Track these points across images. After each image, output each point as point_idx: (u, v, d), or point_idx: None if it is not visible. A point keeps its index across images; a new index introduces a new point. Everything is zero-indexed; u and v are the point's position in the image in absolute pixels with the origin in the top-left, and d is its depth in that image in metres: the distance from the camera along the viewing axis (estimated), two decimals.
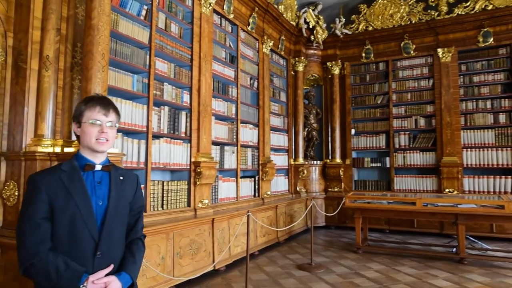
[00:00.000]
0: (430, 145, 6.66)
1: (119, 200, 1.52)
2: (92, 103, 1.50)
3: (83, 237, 1.40)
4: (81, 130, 1.49)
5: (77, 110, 1.53)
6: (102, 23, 2.86)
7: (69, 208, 1.39)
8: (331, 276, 4.07)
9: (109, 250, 1.46)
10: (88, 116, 1.48)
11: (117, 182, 1.54)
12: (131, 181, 1.62)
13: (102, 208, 1.47)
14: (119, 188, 1.53)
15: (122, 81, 3.48)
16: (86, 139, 1.47)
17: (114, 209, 1.49)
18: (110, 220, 1.47)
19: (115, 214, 1.49)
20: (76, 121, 1.51)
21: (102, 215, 1.46)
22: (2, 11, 2.85)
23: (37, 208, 1.38)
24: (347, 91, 7.44)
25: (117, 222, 1.50)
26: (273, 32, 6.46)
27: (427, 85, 6.81)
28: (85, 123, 1.48)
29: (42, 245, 1.35)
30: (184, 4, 4.33)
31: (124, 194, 1.55)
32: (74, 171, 1.46)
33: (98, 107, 1.49)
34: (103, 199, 1.48)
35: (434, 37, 6.73)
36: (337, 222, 7.08)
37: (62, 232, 1.39)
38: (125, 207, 1.55)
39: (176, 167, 4.10)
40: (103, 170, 1.52)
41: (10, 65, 2.88)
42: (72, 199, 1.40)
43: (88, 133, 1.47)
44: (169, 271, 3.50)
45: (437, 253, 5.03)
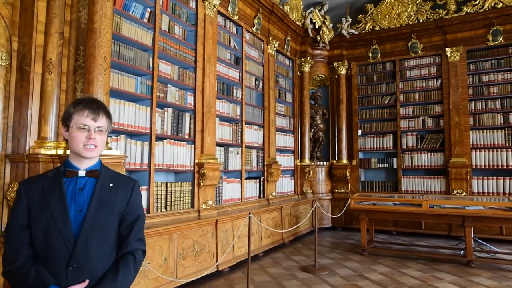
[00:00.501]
0: (438, 146, 6.58)
1: (100, 209, 1.40)
2: (80, 107, 1.42)
3: (57, 247, 1.32)
4: (69, 135, 1.42)
5: (65, 113, 1.45)
6: (104, 27, 2.89)
7: (44, 216, 1.34)
8: (335, 278, 4.04)
9: (86, 262, 1.34)
10: (76, 120, 1.40)
11: (103, 189, 1.43)
12: (124, 189, 1.50)
13: (80, 217, 1.37)
14: (104, 196, 1.43)
15: (125, 83, 3.51)
16: (73, 144, 1.40)
17: (93, 218, 1.38)
18: (87, 230, 1.36)
19: (94, 224, 1.38)
20: (64, 124, 1.44)
21: (80, 224, 1.36)
22: (7, 15, 2.90)
23: (17, 215, 1.37)
24: (353, 91, 7.38)
25: (98, 233, 1.38)
26: (278, 33, 6.44)
27: (435, 85, 6.72)
28: (73, 128, 1.41)
29: (19, 252, 1.32)
30: (187, 6, 4.35)
31: (110, 203, 1.43)
32: (57, 177, 1.41)
33: (86, 111, 1.41)
34: (82, 207, 1.38)
35: (442, 36, 6.64)
36: (343, 223, 7.03)
37: (38, 240, 1.34)
38: (110, 216, 1.43)
39: (180, 168, 4.12)
40: (88, 176, 1.43)
41: (14, 68, 2.93)
42: (47, 206, 1.34)
43: (75, 138, 1.40)
44: (172, 272, 3.52)
45: (444, 255, 4.96)
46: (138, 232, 1.48)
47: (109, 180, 1.47)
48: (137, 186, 1.56)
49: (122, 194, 1.47)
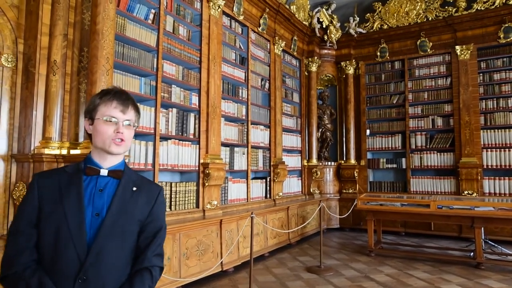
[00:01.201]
0: (448, 146, 6.47)
1: (121, 215, 1.22)
2: (108, 97, 1.26)
3: (67, 254, 1.14)
4: (94, 128, 1.25)
5: (90, 104, 1.28)
6: (107, 28, 2.92)
7: (55, 216, 1.16)
8: (340, 279, 4.00)
9: (98, 276, 1.15)
10: (103, 112, 1.24)
11: (125, 193, 1.26)
12: (148, 195, 1.32)
13: (97, 221, 1.19)
14: (126, 200, 1.25)
15: (129, 84, 3.55)
16: (99, 139, 1.23)
17: (112, 224, 1.19)
18: (103, 238, 1.17)
19: (113, 231, 1.19)
20: (89, 117, 1.27)
21: (95, 230, 1.18)
22: (13, 18, 2.96)
23: (24, 211, 1.19)
24: (362, 91, 7.32)
25: (115, 241, 1.19)
26: (285, 33, 6.43)
27: (444, 83, 6.61)
28: (99, 120, 1.24)
29: (20, 256, 1.14)
30: (192, 7, 4.37)
31: (132, 209, 1.25)
32: (76, 174, 1.24)
33: (115, 102, 1.25)
34: (100, 211, 1.20)
35: (452, 34, 6.53)
36: (351, 224, 6.97)
37: (47, 243, 1.15)
38: (131, 225, 1.24)
39: (185, 168, 4.14)
40: (110, 176, 1.25)
41: (20, 70, 2.99)
42: (61, 204, 1.17)
43: (101, 132, 1.23)
44: (176, 272, 3.53)
45: (453, 257, 4.87)
46: (158, 247, 1.29)
47: (133, 183, 1.30)
48: (162, 194, 1.38)
49: (145, 201, 1.30)
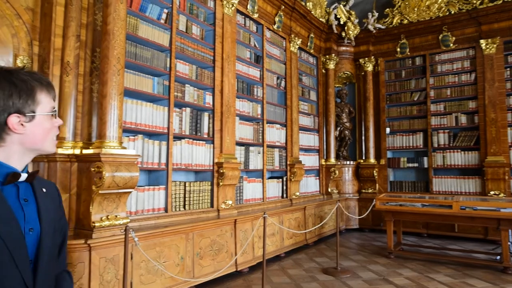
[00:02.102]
0: (472, 144, 6.20)
1: (50, 224, 1.05)
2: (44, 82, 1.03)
3: (13, 285, 0.92)
4: (33, 125, 1.00)
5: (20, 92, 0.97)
6: (118, 28, 2.94)
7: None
8: (357, 282, 3.89)
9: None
10: (46, 102, 1.02)
11: (43, 197, 1.06)
12: (53, 194, 1.14)
13: (33, 237, 0.99)
14: (48, 206, 1.06)
15: (142, 84, 3.56)
16: (43, 138, 1.02)
17: (50, 237, 1.03)
18: (46, 254, 1.00)
19: (51, 243, 1.04)
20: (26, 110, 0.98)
21: (34, 249, 0.99)
22: (28, 21, 3.02)
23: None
24: (381, 88, 7.13)
25: (51, 254, 1.05)
26: (301, 30, 6.33)
27: (468, 79, 6.35)
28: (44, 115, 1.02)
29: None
30: (205, 6, 4.35)
31: (53, 214, 1.08)
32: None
33: (51, 89, 1.05)
34: (33, 225, 1.00)
35: (477, 28, 6.26)
36: (371, 224, 6.80)
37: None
38: (56, 231, 1.09)
39: (199, 168, 4.13)
40: (26, 181, 1.03)
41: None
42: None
43: (48, 130, 1.03)
44: (189, 271, 3.52)
45: (478, 260, 4.66)
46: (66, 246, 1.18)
47: (39, 184, 1.09)
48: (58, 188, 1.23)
49: (54, 201, 1.12)
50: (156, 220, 3.46)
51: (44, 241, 1.00)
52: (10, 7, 2.88)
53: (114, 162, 2.78)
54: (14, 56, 2.92)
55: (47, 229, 1.03)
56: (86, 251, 2.67)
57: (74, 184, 2.94)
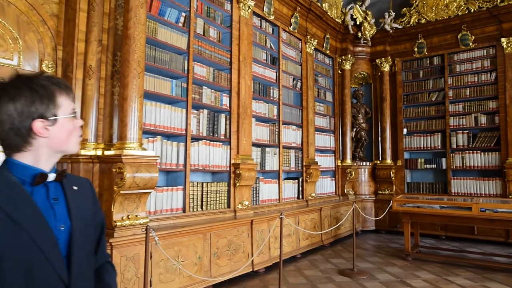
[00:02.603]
0: (492, 145, 6.08)
1: (82, 219, 1.08)
2: (63, 85, 1.06)
3: (50, 283, 0.95)
4: (57, 128, 1.03)
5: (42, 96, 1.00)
6: (138, 32, 3.01)
7: (21, 247, 0.90)
8: (373, 284, 3.88)
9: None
10: (67, 105, 1.05)
11: (73, 195, 1.09)
12: (86, 190, 1.17)
13: (64, 234, 1.02)
14: (77, 203, 1.09)
15: (161, 86, 3.64)
16: (67, 140, 1.06)
17: (80, 232, 1.05)
18: (78, 250, 1.03)
19: (83, 239, 1.06)
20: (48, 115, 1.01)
21: (66, 244, 1.02)
22: (52, 26, 3.13)
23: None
24: (398, 88, 7.06)
25: (85, 250, 1.08)
26: (317, 31, 6.33)
27: (488, 79, 6.23)
28: (67, 118, 1.05)
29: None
30: (222, 9, 4.41)
31: (85, 210, 1.12)
32: (13, 188, 0.96)
33: (70, 91, 1.08)
34: (64, 222, 1.03)
35: (497, 26, 6.13)
36: (387, 226, 6.74)
37: (15, 284, 0.89)
38: (90, 226, 1.13)
39: (216, 168, 4.19)
40: (55, 181, 1.05)
41: (59, 75, 3.15)
42: (23, 232, 0.91)
43: (71, 131, 1.06)
44: (206, 271, 3.58)
45: (498, 264, 4.56)
46: (105, 238, 1.24)
47: (70, 182, 1.11)
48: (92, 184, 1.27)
49: (87, 198, 1.16)
50: (174, 220, 3.53)
51: (75, 237, 1.03)
52: (36, 14, 2.99)
53: (134, 163, 2.85)
54: (39, 61, 3.04)
55: (78, 225, 1.05)
56: (108, 250, 2.75)
57: (96, 185, 3.03)
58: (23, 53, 2.94)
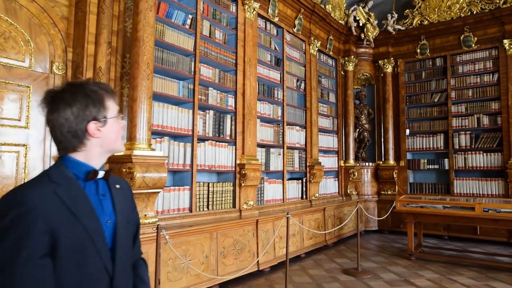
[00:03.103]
0: (495, 146, 6.12)
1: (124, 215, 1.18)
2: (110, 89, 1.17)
3: (97, 272, 1.04)
4: (107, 129, 1.12)
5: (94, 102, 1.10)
6: (147, 35, 3.06)
7: (76, 236, 1.00)
8: (378, 283, 3.92)
9: (124, 282, 1.13)
10: (113, 107, 1.14)
11: (117, 192, 1.19)
12: (126, 189, 1.27)
13: (109, 228, 1.12)
14: (121, 200, 1.19)
15: (168, 87, 3.69)
16: (115, 140, 1.15)
17: (123, 227, 1.15)
18: (121, 243, 1.13)
19: (125, 233, 1.16)
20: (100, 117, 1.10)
21: (110, 238, 1.11)
22: (63, 29, 3.18)
23: (36, 243, 0.94)
24: (401, 89, 7.10)
25: (127, 244, 1.18)
26: (320, 33, 6.38)
27: (491, 80, 6.27)
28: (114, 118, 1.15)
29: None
30: (228, 11, 4.46)
31: (126, 207, 1.21)
32: (71, 183, 1.06)
33: (114, 94, 1.18)
34: (110, 217, 1.13)
35: (499, 28, 6.17)
36: (390, 226, 6.78)
37: (68, 269, 0.99)
38: (130, 222, 1.22)
39: (222, 169, 4.23)
40: (103, 178, 1.16)
41: (70, 77, 3.20)
42: (78, 223, 1.01)
43: (118, 132, 1.16)
44: (213, 270, 3.62)
45: (502, 263, 4.60)
46: (139, 236, 1.32)
47: (114, 181, 1.22)
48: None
49: (127, 196, 1.26)
50: (181, 219, 3.57)
51: (119, 230, 1.13)
52: (47, 17, 3.05)
53: (144, 163, 2.90)
54: (50, 63, 3.09)
55: (121, 220, 1.15)
56: None
57: None
58: (34, 55, 2.99)
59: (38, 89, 3.02)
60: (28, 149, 2.95)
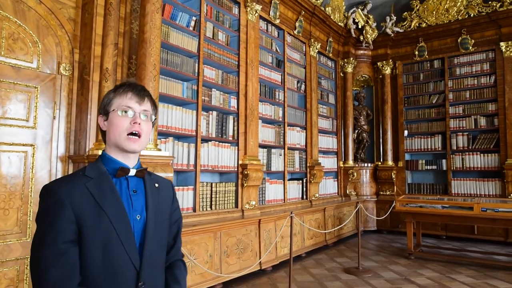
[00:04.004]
0: (492, 147, 6.21)
1: (158, 213, 1.20)
2: (123, 89, 1.18)
3: (122, 264, 1.08)
4: (109, 123, 1.16)
5: (105, 99, 1.19)
6: (154, 36, 3.11)
7: (101, 228, 1.06)
8: (379, 281, 3.98)
9: (153, 279, 1.14)
10: (118, 103, 1.15)
11: (153, 191, 1.22)
12: (167, 189, 1.30)
13: (140, 224, 1.15)
14: (156, 198, 1.21)
15: (173, 88, 3.73)
16: (114, 133, 1.14)
17: (154, 224, 1.17)
18: (151, 239, 1.15)
19: (156, 230, 1.18)
20: (103, 112, 1.18)
21: (140, 233, 1.14)
22: (70, 30, 3.21)
23: (61, 229, 1.02)
24: (399, 91, 7.18)
25: (158, 241, 1.19)
26: (320, 35, 6.45)
27: (488, 82, 6.36)
28: (114, 112, 1.15)
29: (70, 280, 1.00)
30: (230, 13, 4.51)
31: (162, 205, 1.24)
32: (103, 178, 1.12)
33: (130, 93, 1.17)
34: (141, 213, 1.16)
35: (496, 30, 6.28)
36: (389, 226, 6.85)
37: (93, 259, 1.05)
38: (165, 220, 1.24)
39: (224, 169, 4.28)
40: (137, 176, 1.18)
41: (76, 78, 3.23)
42: (104, 215, 1.07)
43: (117, 125, 1.14)
44: (217, 269, 3.67)
45: (499, 262, 4.68)
46: (180, 238, 1.34)
47: (153, 180, 1.25)
48: (174, 187, 1.38)
49: (166, 196, 1.28)
50: (185, 219, 3.61)
51: (148, 227, 1.15)
52: (54, 18, 3.08)
53: (151, 163, 2.94)
54: (57, 64, 3.12)
55: (153, 217, 1.17)
56: None
57: None
58: (42, 56, 3.03)
59: (46, 90, 3.05)
60: (36, 149, 2.98)
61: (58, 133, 3.12)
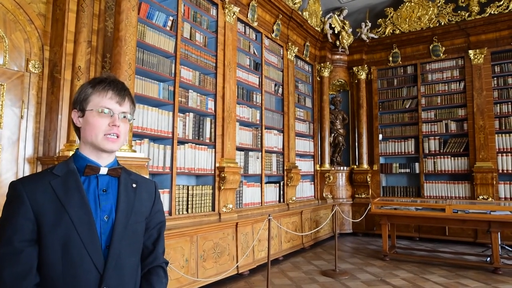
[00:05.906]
0: (462, 150, 6.43)
1: (131, 215, 1.13)
2: (103, 86, 1.11)
3: (83, 266, 1.01)
4: (84, 121, 1.11)
5: (81, 93, 1.13)
6: (129, 35, 3.02)
7: (61, 226, 1.01)
8: (356, 283, 4.01)
9: (119, 283, 1.07)
10: (97, 102, 1.10)
11: (128, 191, 1.15)
12: (148, 190, 1.23)
13: (108, 225, 1.08)
14: (131, 199, 1.15)
15: (148, 89, 3.64)
16: (91, 133, 1.09)
17: (124, 226, 1.10)
18: (119, 241, 1.07)
19: (126, 233, 1.10)
20: (79, 107, 1.12)
21: (107, 235, 1.07)
22: (40, 26, 3.08)
23: (18, 227, 0.99)
24: (374, 95, 7.33)
25: (128, 244, 1.11)
26: (297, 39, 6.50)
27: (458, 88, 6.60)
28: (92, 112, 1.09)
29: (24, 280, 0.97)
30: (208, 14, 4.46)
31: (138, 207, 1.16)
32: (70, 176, 1.07)
33: (110, 92, 1.11)
34: (109, 213, 1.09)
35: (465, 39, 6.52)
36: (364, 229, 6.95)
37: (53, 260, 1.00)
38: (140, 223, 1.16)
39: (201, 172, 4.21)
40: (110, 175, 1.13)
41: (46, 76, 3.10)
42: (65, 213, 1.01)
43: (94, 125, 1.09)
44: (193, 274, 3.58)
45: (469, 262, 4.83)
46: (163, 243, 1.26)
47: (131, 180, 1.19)
48: (157, 188, 1.31)
49: (146, 197, 1.21)
50: None
51: (116, 229, 1.09)
52: (23, 13, 2.94)
53: (125, 164, 2.84)
54: (26, 61, 2.98)
55: (123, 219, 1.11)
56: None
57: None
58: (9, 52, 2.88)
59: (13, 88, 2.90)
60: (1, 150, 2.82)
61: (26, 133, 2.97)
